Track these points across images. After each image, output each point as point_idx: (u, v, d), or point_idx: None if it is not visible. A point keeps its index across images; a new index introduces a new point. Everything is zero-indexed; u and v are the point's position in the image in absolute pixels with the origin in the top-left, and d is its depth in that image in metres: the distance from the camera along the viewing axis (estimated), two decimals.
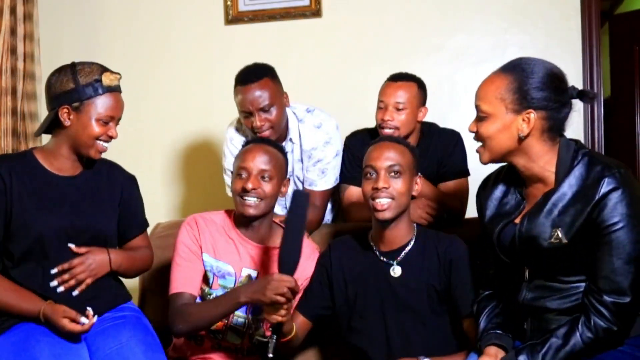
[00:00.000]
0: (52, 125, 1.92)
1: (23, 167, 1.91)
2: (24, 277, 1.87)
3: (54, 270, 1.87)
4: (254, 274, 2.00)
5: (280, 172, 2.00)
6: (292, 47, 3.39)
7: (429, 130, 2.55)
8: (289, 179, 2.07)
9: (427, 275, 1.94)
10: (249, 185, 1.92)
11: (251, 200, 1.94)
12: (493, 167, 1.86)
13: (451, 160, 2.50)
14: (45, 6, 3.52)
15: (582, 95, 1.69)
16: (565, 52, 3.12)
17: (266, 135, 2.33)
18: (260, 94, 2.32)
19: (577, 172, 1.64)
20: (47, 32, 3.49)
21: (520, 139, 1.66)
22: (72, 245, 1.88)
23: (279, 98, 2.38)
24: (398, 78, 2.48)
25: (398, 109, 2.41)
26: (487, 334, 1.77)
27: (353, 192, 2.51)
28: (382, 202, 1.90)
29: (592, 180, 1.61)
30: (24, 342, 1.80)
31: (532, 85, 1.63)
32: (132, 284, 2.32)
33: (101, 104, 1.87)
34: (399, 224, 1.96)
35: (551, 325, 1.69)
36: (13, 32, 3.24)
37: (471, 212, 2.54)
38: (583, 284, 1.66)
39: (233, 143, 2.51)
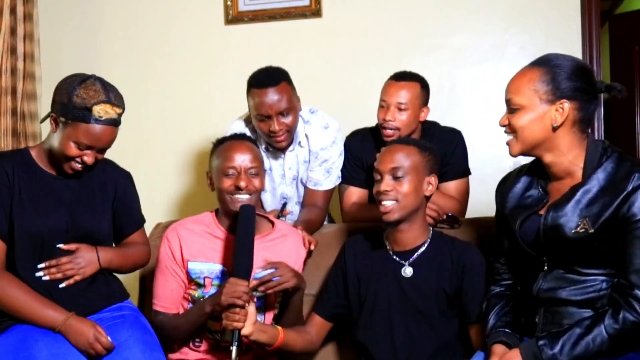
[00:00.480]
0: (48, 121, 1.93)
1: (22, 164, 1.91)
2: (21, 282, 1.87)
3: (41, 265, 1.88)
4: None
5: (262, 166, 2.08)
6: (292, 47, 3.39)
7: (430, 130, 2.54)
8: (264, 171, 2.14)
9: (439, 279, 1.94)
10: (242, 184, 1.97)
11: (244, 197, 1.99)
12: (493, 167, 1.87)
13: (452, 161, 2.48)
14: (45, 6, 3.51)
15: (609, 89, 1.74)
16: (565, 52, 3.04)
17: (282, 140, 2.36)
18: (279, 98, 2.31)
19: (607, 167, 1.67)
20: (47, 32, 3.49)
21: (554, 129, 1.69)
22: (61, 245, 1.89)
23: (295, 103, 2.39)
24: (401, 77, 2.45)
25: (400, 109, 2.39)
26: (495, 331, 1.77)
27: (353, 192, 2.51)
28: (387, 204, 1.93)
29: (622, 174, 1.64)
30: (22, 342, 1.80)
31: (565, 76, 1.68)
32: (132, 283, 2.32)
33: (83, 131, 1.83)
34: (412, 225, 1.96)
35: (563, 319, 1.70)
36: (13, 32, 3.24)
37: (472, 212, 2.55)
38: (600, 278, 1.67)
39: None
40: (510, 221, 1.79)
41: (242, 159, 2.00)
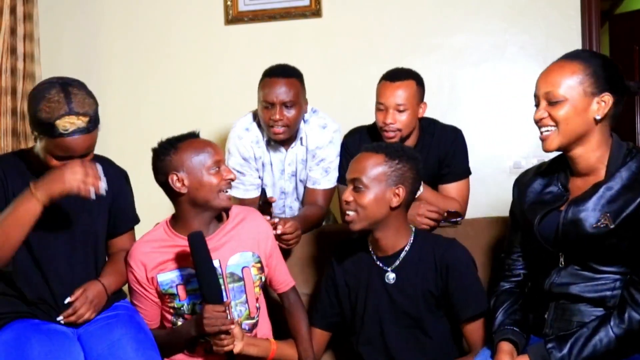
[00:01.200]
0: None
1: (14, 167, 1.90)
2: (16, 281, 1.88)
3: (60, 318, 1.87)
4: (215, 262, 1.95)
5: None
6: (292, 47, 3.38)
7: (429, 127, 2.49)
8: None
9: (423, 281, 1.91)
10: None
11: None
12: (493, 167, 1.86)
13: (453, 162, 2.45)
14: (45, 6, 3.51)
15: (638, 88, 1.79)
16: (565, 52, 3.10)
17: (279, 132, 2.42)
18: (287, 90, 2.40)
19: (631, 166, 1.69)
20: (47, 32, 3.49)
21: (596, 122, 1.69)
22: (68, 299, 1.88)
23: (301, 101, 2.46)
24: (395, 77, 2.39)
25: (399, 111, 2.34)
26: (504, 329, 1.76)
27: None
28: (348, 214, 1.91)
29: None
30: (16, 340, 1.80)
31: (605, 69, 1.69)
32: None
33: (55, 145, 1.77)
34: (385, 233, 1.93)
35: (573, 316, 1.70)
36: (13, 32, 3.24)
37: (472, 212, 2.55)
38: (614, 276, 1.67)
39: (242, 142, 2.51)
40: (529, 216, 1.78)
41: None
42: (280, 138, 2.46)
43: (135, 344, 1.87)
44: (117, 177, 2.07)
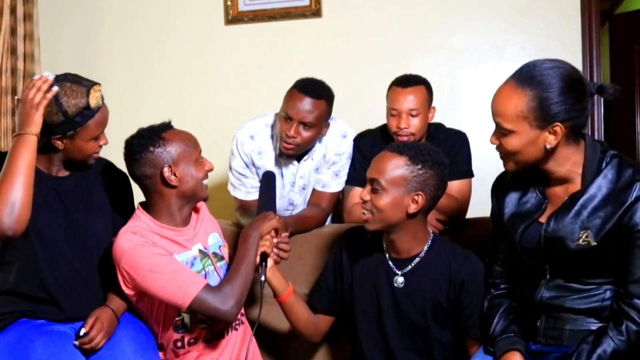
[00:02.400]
0: (45, 148, 1.90)
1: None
2: (18, 281, 1.88)
3: (76, 342, 1.86)
4: (200, 246, 1.96)
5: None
6: (292, 47, 3.39)
7: (436, 132, 2.54)
8: None
9: (434, 291, 1.86)
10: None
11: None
12: (493, 168, 1.85)
13: (456, 161, 2.46)
14: (45, 6, 3.52)
15: (601, 91, 1.65)
16: (565, 52, 3.12)
17: (289, 148, 2.37)
18: (310, 110, 2.32)
19: (607, 174, 1.62)
20: (47, 32, 3.49)
21: (547, 150, 1.63)
22: (83, 330, 1.85)
23: (322, 124, 2.40)
24: (407, 83, 2.44)
25: (412, 115, 2.40)
26: (509, 337, 1.73)
27: (357, 193, 2.51)
28: (365, 213, 1.85)
29: (624, 183, 1.59)
30: (18, 341, 1.80)
31: (554, 100, 1.58)
32: None
33: (93, 126, 1.86)
34: (401, 237, 1.86)
35: (565, 325, 1.68)
36: (13, 32, 3.25)
37: (472, 212, 2.55)
38: (604, 287, 1.65)
39: (243, 148, 2.50)
40: (510, 231, 1.75)
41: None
42: (289, 153, 2.43)
43: (134, 345, 1.88)
44: (119, 180, 2.07)
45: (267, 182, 2.13)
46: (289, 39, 3.40)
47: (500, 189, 1.82)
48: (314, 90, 2.36)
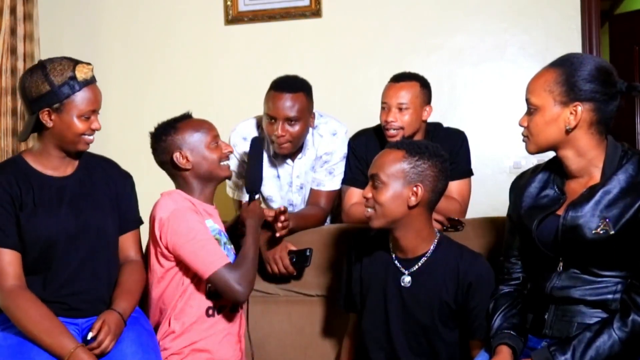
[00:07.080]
0: (36, 128, 1.90)
1: (18, 172, 1.89)
2: (27, 278, 1.86)
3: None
4: (210, 223, 2.04)
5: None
6: (292, 47, 3.39)
7: (435, 131, 2.54)
8: None
9: (441, 291, 1.85)
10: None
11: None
12: (493, 168, 1.87)
13: (455, 161, 2.45)
14: (45, 6, 3.52)
15: (631, 89, 1.71)
16: (565, 52, 3.06)
17: (283, 147, 2.38)
18: (291, 105, 2.34)
19: (628, 169, 1.66)
20: (47, 32, 3.50)
21: (567, 131, 1.67)
22: (90, 334, 1.83)
23: (307, 116, 2.40)
24: (400, 78, 2.46)
25: (401, 110, 2.40)
26: (501, 332, 1.75)
27: (354, 193, 2.51)
28: (367, 210, 1.87)
29: None
30: (20, 344, 1.80)
31: (581, 77, 1.65)
32: None
33: (80, 100, 1.85)
34: (405, 234, 1.87)
35: (573, 317, 1.69)
36: (13, 32, 3.25)
37: (472, 212, 2.55)
38: (615, 279, 1.66)
39: (237, 150, 2.50)
40: (527, 222, 1.76)
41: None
42: (285, 153, 2.43)
43: (134, 347, 1.87)
44: (122, 178, 2.07)
45: (256, 150, 2.24)
46: (289, 39, 3.40)
47: (518, 185, 1.85)
48: (290, 85, 2.38)
